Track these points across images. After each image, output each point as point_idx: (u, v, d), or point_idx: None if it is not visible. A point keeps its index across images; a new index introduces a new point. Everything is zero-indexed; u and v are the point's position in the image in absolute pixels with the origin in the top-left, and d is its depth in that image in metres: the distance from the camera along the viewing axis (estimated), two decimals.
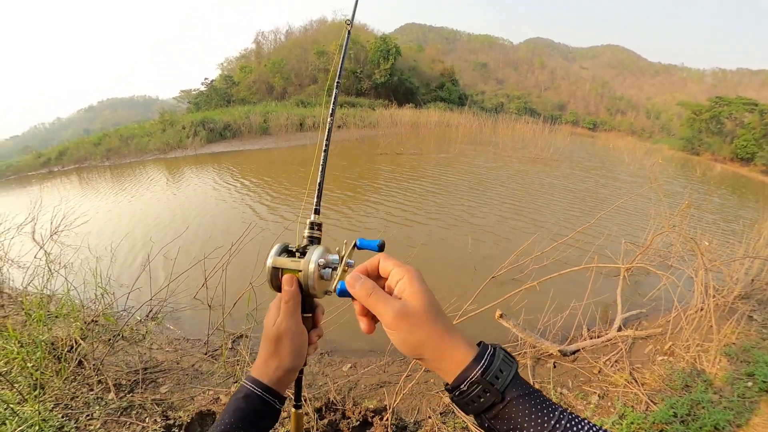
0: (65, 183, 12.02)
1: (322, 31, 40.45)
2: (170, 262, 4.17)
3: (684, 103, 43.60)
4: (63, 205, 7.81)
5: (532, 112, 49.22)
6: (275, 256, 0.76)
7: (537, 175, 13.18)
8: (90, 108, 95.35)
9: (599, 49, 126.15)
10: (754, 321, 4.11)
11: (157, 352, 3.39)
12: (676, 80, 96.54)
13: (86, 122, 76.03)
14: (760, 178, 25.40)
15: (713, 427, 2.43)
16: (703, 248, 4.16)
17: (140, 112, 68.27)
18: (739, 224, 7.87)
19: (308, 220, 0.85)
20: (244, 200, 8.54)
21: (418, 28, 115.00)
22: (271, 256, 0.76)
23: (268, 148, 17.15)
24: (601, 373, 3.25)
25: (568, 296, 4.31)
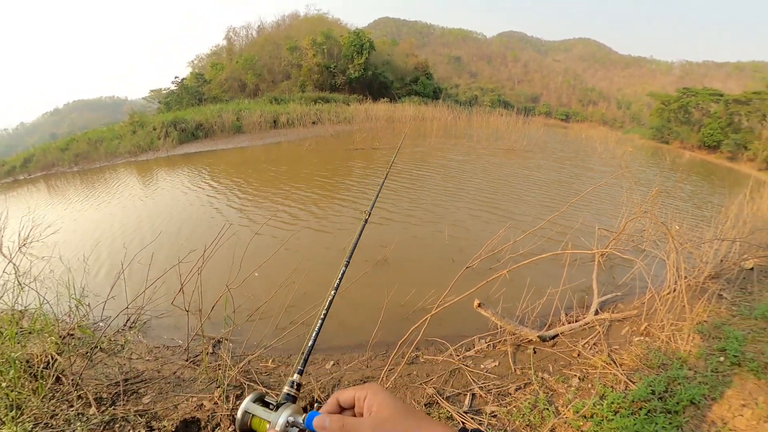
0: (32, 192, 11.48)
1: (294, 25, 39.71)
2: (145, 268, 4.04)
3: (653, 94, 44.91)
4: (31, 215, 7.48)
5: (505, 104, 49.79)
6: (250, 402, 0.80)
7: (511, 166, 13.36)
8: (56, 111, 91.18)
9: (571, 42, 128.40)
10: (724, 299, 4.26)
11: (137, 362, 3.29)
12: (646, 72, 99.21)
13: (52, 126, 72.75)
14: (726, 164, 26.45)
15: (689, 402, 2.50)
16: (674, 232, 4.28)
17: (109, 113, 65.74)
18: (708, 209, 8.15)
19: (290, 378, 0.92)
20: (218, 202, 8.34)
21: (392, 23, 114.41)
22: (245, 401, 0.80)
23: (241, 147, 16.82)
24: (580, 356, 3.30)
25: (544, 283, 4.38)
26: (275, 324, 3.94)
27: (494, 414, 2.59)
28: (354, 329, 4.01)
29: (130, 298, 3.69)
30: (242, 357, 3.34)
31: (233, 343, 3.68)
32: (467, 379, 3.04)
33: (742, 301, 4.19)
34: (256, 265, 4.09)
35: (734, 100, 31.07)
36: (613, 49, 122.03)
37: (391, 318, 4.09)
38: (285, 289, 4.08)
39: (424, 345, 3.72)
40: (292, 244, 5.87)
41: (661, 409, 2.44)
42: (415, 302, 4.36)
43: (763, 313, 3.71)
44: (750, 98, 30.06)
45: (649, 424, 2.25)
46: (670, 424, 2.31)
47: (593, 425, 2.31)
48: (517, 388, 2.89)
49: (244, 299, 4.25)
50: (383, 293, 4.21)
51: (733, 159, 27.85)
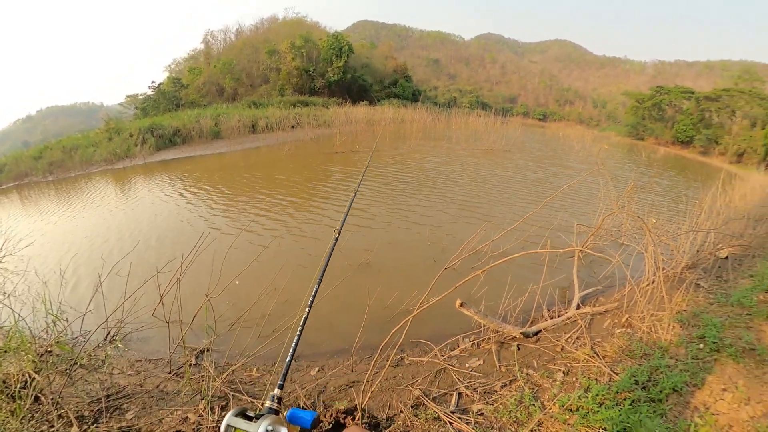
0: (4, 202, 10.99)
1: (273, 29, 39.14)
2: (124, 279, 3.90)
3: (628, 92, 46.34)
4: (3, 227, 7.17)
5: (484, 105, 50.27)
6: (231, 417, 0.86)
7: (491, 167, 13.49)
8: (28, 118, 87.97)
9: (547, 44, 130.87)
10: (701, 288, 4.35)
11: (118, 377, 3.16)
12: (620, 72, 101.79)
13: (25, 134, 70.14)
14: (699, 159, 27.37)
15: (672, 390, 2.52)
16: (650, 225, 4.36)
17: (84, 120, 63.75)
18: (683, 202, 8.36)
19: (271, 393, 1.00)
20: (196, 210, 8.13)
21: (371, 26, 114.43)
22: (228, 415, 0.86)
23: (220, 153, 16.50)
24: (563, 351, 3.31)
25: (526, 280, 4.42)
26: (258, 332, 3.85)
27: (481, 412, 2.57)
28: (338, 334, 3.95)
29: (109, 311, 3.55)
30: (226, 367, 3.24)
31: (216, 353, 3.58)
32: (453, 379, 3.02)
33: (719, 289, 4.29)
34: (235, 273, 3.98)
35: (705, 97, 32.33)
36: (588, 50, 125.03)
37: (375, 321, 4.05)
38: (266, 296, 4.00)
39: (409, 346, 3.69)
40: (272, 251, 5.77)
41: (645, 398, 2.45)
42: (399, 304, 4.33)
43: (738, 299, 3.80)
44: (720, 95, 31.34)
45: (634, 413, 2.26)
46: (654, 413, 2.32)
47: (579, 418, 2.31)
48: (502, 385, 2.88)
49: (225, 308, 4.15)
50: (366, 296, 4.16)
51: (706, 153, 28.87)
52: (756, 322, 3.35)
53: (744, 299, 3.79)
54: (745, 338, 3.02)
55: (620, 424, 2.17)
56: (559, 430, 2.28)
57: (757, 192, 9.90)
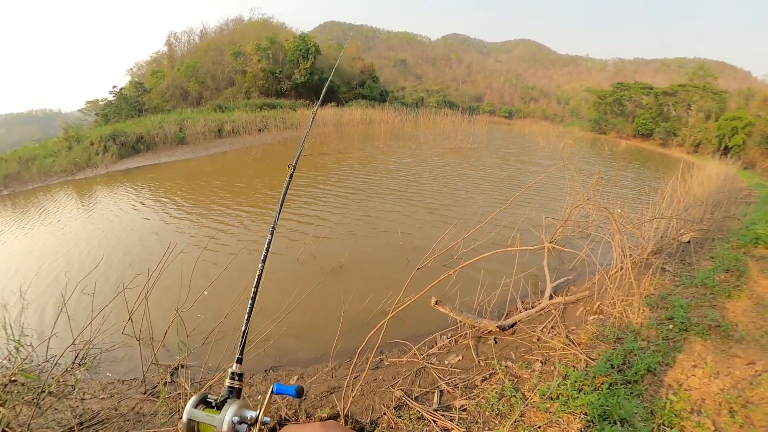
0: None
1: (238, 30, 38.35)
2: (89, 298, 3.66)
3: (590, 89, 48.26)
4: None
5: (451, 104, 51.04)
6: (191, 408, 0.76)
7: (460, 167, 13.66)
8: None
9: (512, 44, 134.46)
10: (667, 272, 4.52)
11: (91, 402, 2.96)
12: (582, 70, 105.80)
13: None
14: (659, 150, 28.73)
15: (647, 371, 2.59)
16: (616, 215, 4.49)
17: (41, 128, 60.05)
18: (646, 192, 8.71)
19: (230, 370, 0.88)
20: (162, 220, 7.80)
21: (338, 27, 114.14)
22: (187, 407, 0.76)
23: (186, 159, 15.96)
24: (540, 341, 3.35)
25: (498, 274, 4.46)
26: (233, 344, 3.69)
27: (464, 408, 2.55)
28: (315, 340, 3.87)
29: (75, 332, 3.31)
30: (203, 383, 3.12)
31: (192, 369, 3.42)
32: (433, 377, 2.99)
33: (683, 272, 4.47)
34: (204, 285, 3.83)
35: (663, 92, 34.11)
36: (552, 49, 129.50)
37: (352, 324, 3.99)
38: (238, 306, 3.85)
39: (387, 348, 3.65)
40: (241, 260, 5.58)
41: (622, 381, 2.51)
42: (374, 306, 4.28)
43: (702, 280, 3.97)
44: (676, 90, 33.18)
45: (612, 396, 2.30)
46: (631, 394, 2.37)
47: (560, 405, 2.33)
48: (483, 379, 2.88)
49: (197, 321, 3.97)
50: (341, 300, 4.09)
51: (665, 145, 30.36)
52: (719, 301, 3.51)
53: (707, 280, 3.96)
54: (710, 316, 3.15)
55: (600, 408, 2.20)
56: (541, 419, 2.29)
57: (713, 179, 10.44)
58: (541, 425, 2.23)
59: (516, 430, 2.23)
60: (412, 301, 2.79)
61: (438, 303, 3.28)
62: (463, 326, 3.70)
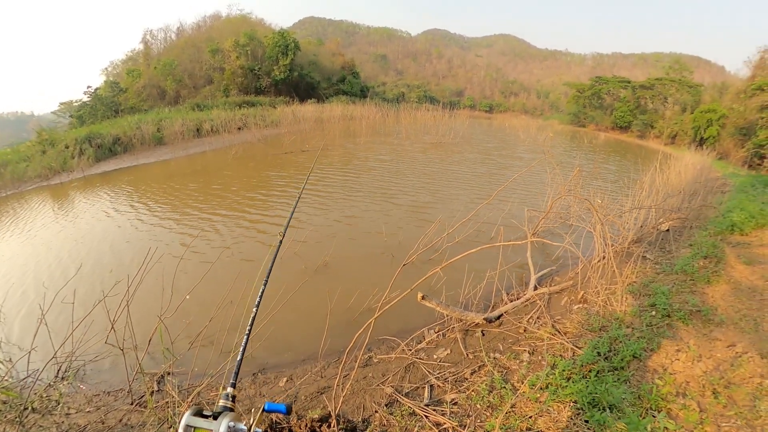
0: None
1: (216, 27, 37.34)
2: (69, 308, 3.51)
3: (569, 83, 49.00)
4: None
5: (431, 99, 50.85)
6: (189, 416, 0.84)
7: (442, 162, 13.68)
8: None
9: (492, 38, 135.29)
10: (648, 260, 4.63)
11: (76, 417, 2.85)
12: (562, 64, 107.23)
13: None
14: (637, 142, 29.38)
15: (632, 357, 2.64)
16: (597, 206, 4.56)
17: (13, 132, 57.63)
18: (625, 182, 8.87)
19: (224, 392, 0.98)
20: (141, 224, 7.56)
21: (317, 22, 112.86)
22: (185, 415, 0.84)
23: (164, 160, 15.55)
24: (526, 332, 3.38)
25: (483, 267, 4.46)
26: (219, 348, 3.63)
27: (455, 401, 2.55)
28: (302, 341, 3.81)
29: (57, 344, 3.18)
30: (190, 389, 3.04)
31: (178, 377, 3.32)
32: (423, 372, 2.99)
33: (664, 260, 4.58)
34: (187, 290, 3.73)
35: (640, 86, 34.91)
36: (531, 44, 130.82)
37: (339, 323, 3.95)
38: (223, 310, 3.77)
39: (376, 345, 3.63)
40: (223, 263, 5.48)
41: (609, 368, 2.55)
42: (361, 303, 4.26)
43: (682, 267, 4.07)
44: (653, 84, 34.01)
45: (600, 384, 2.33)
46: (618, 380, 2.41)
47: (550, 395, 2.35)
48: (472, 371, 2.89)
49: (181, 327, 3.87)
50: (327, 299, 4.05)
51: (643, 137, 31.05)
52: (699, 287, 3.60)
53: (686, 267, 4.06)
54: (691, 302, 3.23)
55: (589, 396, 2.23)
56: (532, 409, 2.30)
57: (689, 169, 10.72)
58: (533, 415, 2.24)
59: (508, 421, 2.24)
60: (400, 298, 2.77)
61: (424, 298, 3.28)
62: (450, 320, 3.71)
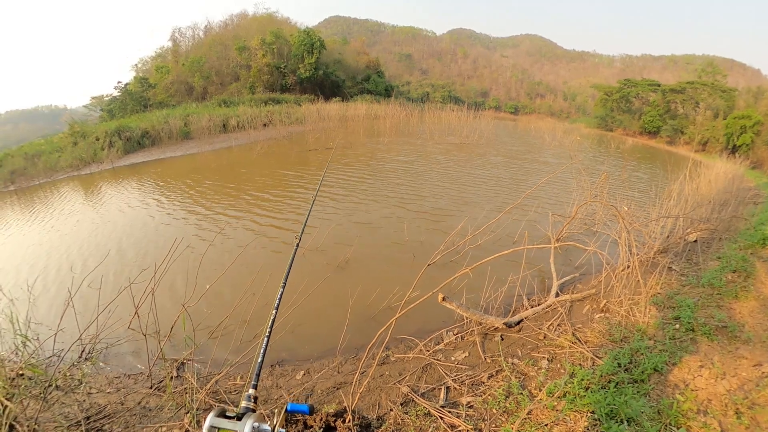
0: None
1: (243, 25, 38.04)
2: (96, 293, 3.69)
3: (597, 85, 47.69)
4: None
5: (456, 100, 50.62)
6: (214, 417, 0.86)
7: (466, 164, 13.54)
8: None
9: (519, 39, 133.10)
10: (674, 271, 4.51)
11: (97, 396, 2.99)
12: (589, 65, 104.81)
13: None
14: (666, 148, 28.46)
15: (653, 370, 2.60)
16: (623, 213, 4.47)
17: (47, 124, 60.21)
18: (653, 189, 8.64)
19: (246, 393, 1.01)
20: (168, 215, 7.82)
21: (343, 21, 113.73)
22: (209, 417, 0.86)
23: (191, 154, 15.98)
24: (546, 338, 3.36)
25: (505, 271, 4.46)
26: (239, 339, 3.75)
27: (471, 405, 2.57)
28: (321, 336, 3.88)
29: (82, 327, 3.35)
30: (209, 377, 3.14)
31: (198, 364, 3.45)
32: (440, 373, 3.01)
33: (690, 272, 4.46)
34: (211, 280, 3.86)
35: (670, 89, 33.69)
36: (558, 45, 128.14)
37: (358, 320, 4.01)
38: (245, 302, 3.89)
39: (394, 343, 3.67)
40: (247, 255, 5.61)
41: (629, 379, 2.52)
42: (381, 301, 4.30)
43: (709, 280, 3.96)
44: (684, 87, 32.76)
45: (619, 395, 2.31)
46: (638, 393, 2.38)
47: (567, 403, 2.34)
48: (489, 376, 2.89)
49: (203, 316, 4.01)
50: (347, 295, 4.11)
51: (672, 143, 30.06)
52: (726, 301, 3.50)
53: (714, 280, 3.95)
54: (717, 317, 3.14)
55: (607, 407, 2.21)
56: (548, 416, 2.30)
57: (720, 178, 10.36)
58: (548, 423, 2.24)
59: (523, 428, 2.25)
60: (425, 298, 2.80)
61: (445, 299, 3.29)
62: (470, 323, 3.71)
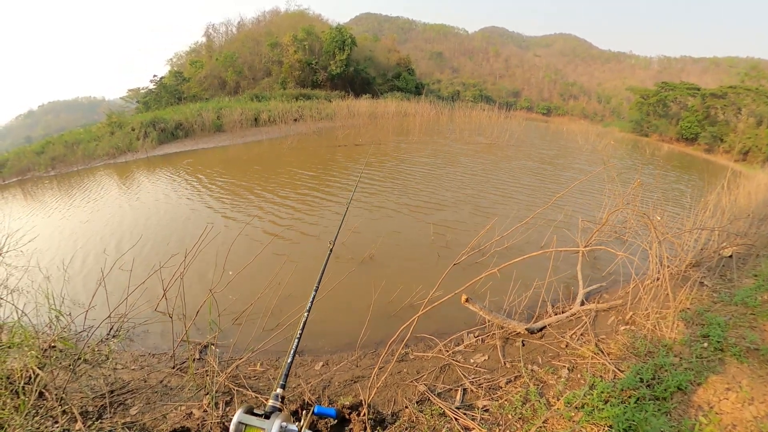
0: (7, 198, 10.96)
1: (275, 22, 38.84)
2: (127, 274, 3.91)
3: (632, 88, 45.94)
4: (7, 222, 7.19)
5: (487, 99, 49.88)
6: (242, 413, 0.89)
7: (495, 164, 13.39)
8: (30, 113, 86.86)
9: (552, 38, 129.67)
10: (705, 286, 4.34)
11: (122, 372, 3.17)
12: (625, 67, 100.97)
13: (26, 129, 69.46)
14: (704, 156, 27.19)
15: (677, 388, 2.53)
16: (655, 222, 4.34)
17: (85, 114, 63.40)
18: (687, 199, 8.33)
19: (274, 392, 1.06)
20: (200, 203, 8.13)
21: (374, 18, 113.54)
22: (238, 413, 0.89)
23: (223, 146, 16.47)
24: (568, 347, 3.32)
25: (530, 276, 4.41)
26: (262, 326, 3.87)
27: (486, 408, 2.58)
28: (342, 329, 3.96)
29: (112, 306, 3.57)
30: (230, 362, 3.26)
31: (220, 348, 3.59)
32: (458, 375, 3.03)
33: (723, 288, 4.28)
34: (238, 268, 4.00)
35: (711, 94, 32.01)
36: (593, 45, 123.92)
37: (379, 316, 4.06)
38: (270, 290, 4.01)
39: (413, 342, 3.70)
40: (276, 245, 5.78)
41: (650, 396, 2.47)
42: (403, 299, 4.34)
43: (742, 299, 3.80)
44: (725, 92, 31.03)
45: (639, 411, 2.27)
46: (659, 411, 2.33)
47: (584, 415, 2.32)
48: (507, 381, 2.89)
49: (228, 302, 4.17)
50: (370, 291, 4.18)
51: (710, 151, 28.68)
52: (760, 322, 3.35)
53: (748, 299, 3.78)
54: (749, 338, 3.02)
55: (626, 422, 2.18)
56: (564, 427, 2.29)
57: (761, 191, 9.82)
58: None
59: None
60: (449, 297, 2.81)
61: (468, 300, 3.30)
62: (491, 326, 3.71)
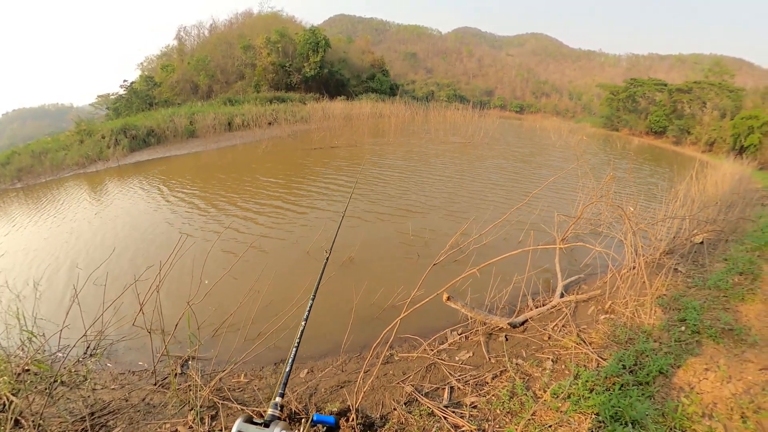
0: None
1: (248, 23, 38.21)
2: (101, 289, 3.73)
3: (603, 85, 47.36)
4: None
5: (461, 98, 50.23)
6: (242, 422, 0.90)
7: (470, 162, 13.55)
8: None
9: (524, 38, 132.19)
10: (680, 272, 4.48)
11: (102, 392, 3.02)
12: (595, 65, 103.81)
13: None
14: (672, 148, 28.27)
15: (658, 372, 2.59)
16: (629, 214, 4.44)
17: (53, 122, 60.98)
18: (658, 190, 8.59)
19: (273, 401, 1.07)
20: (172, 213, 7.86)
21: (348, 20, 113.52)
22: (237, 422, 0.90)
23: (196, 152, 16.06)
24: (551, 339, 3.36)
25: (510, 271, 4.45)
26: (243, 336, 3.76)
27: (474, 405, 2.57)
28: (325, 334, 3.89)
29: (87, 323, 3.37)
30: (213, 375, 3.15)
31: (202, 361, 3.48)
32: (444, 373, 3.02)
33: (696, 273, 4.43)
34: (215, 279, 3.88)
35: (677, 89, 33.37)
36: (564, 44, 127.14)
37: (362, 318, 4.02)
38: (249, 300, 3.91)
39: (398, 342, 3.67)
40: (252, 254, 5.63)
41: (633, 381, 2.51)
42: (385, 300, 4.31)
43: (715, 282, 3.93)
44: (691, 87, 32.44)
45: (624, 397, 2.30)
46: (643, 395, 2.37)
47: (571, 405, 2.33)
48: (493, 376, 2.89)
49: (207, 314, 4.03)
50: (352, 294, 4.12)
51: (678, 143, 29.86)
52: (732, 304, 3.47)
53: (720, 282, 3.92)
54: (723, 319, 3.12)
55: (612, 409, 2.21)
56: (552, 418, 2.30)
57: (727, 179, 10.24)
58: (552, 424, 2.24)
59: (527, 429, 2.25)
60: (431, 298, 2.79)
61: (450, 299, 3.29)
62: (474, 323, 3.71)
